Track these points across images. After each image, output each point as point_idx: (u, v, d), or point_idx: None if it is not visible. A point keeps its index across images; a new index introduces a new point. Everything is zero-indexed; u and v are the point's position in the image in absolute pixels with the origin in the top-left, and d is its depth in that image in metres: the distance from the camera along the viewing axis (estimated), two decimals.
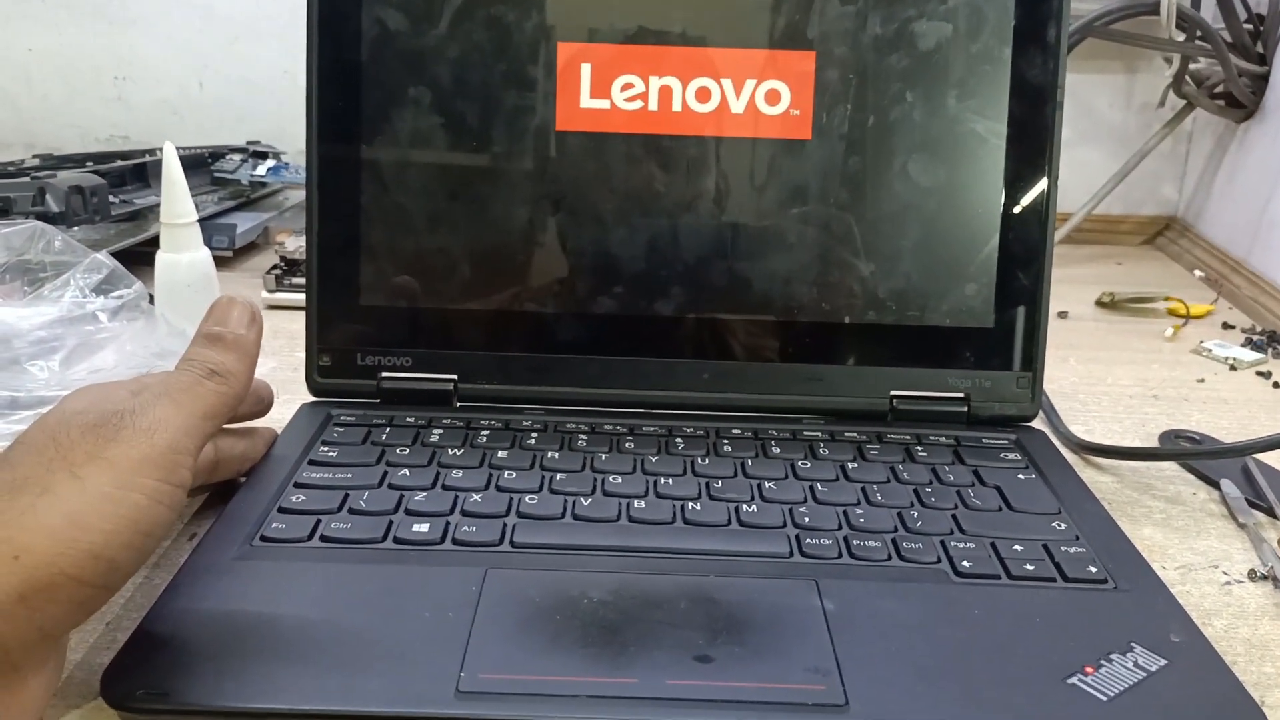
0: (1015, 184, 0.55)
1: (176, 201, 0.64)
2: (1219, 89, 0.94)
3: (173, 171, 0.63)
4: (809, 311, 0.56)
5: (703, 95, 0.55)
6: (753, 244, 0.56)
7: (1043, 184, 0.55)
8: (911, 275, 0.56)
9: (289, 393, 0.58)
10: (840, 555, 0.43)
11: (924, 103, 0.55)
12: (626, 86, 0.55)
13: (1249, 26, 0.89)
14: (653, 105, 0.55)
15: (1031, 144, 0.55)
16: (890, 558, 0.43)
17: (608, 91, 0.55)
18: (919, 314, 0.56)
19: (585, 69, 0.55)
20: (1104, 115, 1.04)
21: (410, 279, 0.55)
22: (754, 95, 0.55)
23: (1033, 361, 0.56)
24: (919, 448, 0.53)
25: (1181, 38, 0.89)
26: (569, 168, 0.55)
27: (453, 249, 0.55)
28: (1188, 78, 0.94)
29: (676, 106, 0.55)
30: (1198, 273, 0.93)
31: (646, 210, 0.55)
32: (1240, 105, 0.92)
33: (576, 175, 0.55)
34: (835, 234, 0.56)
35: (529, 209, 0.55)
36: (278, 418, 0.52)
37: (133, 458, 0.34)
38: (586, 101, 0.55)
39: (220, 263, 0.82)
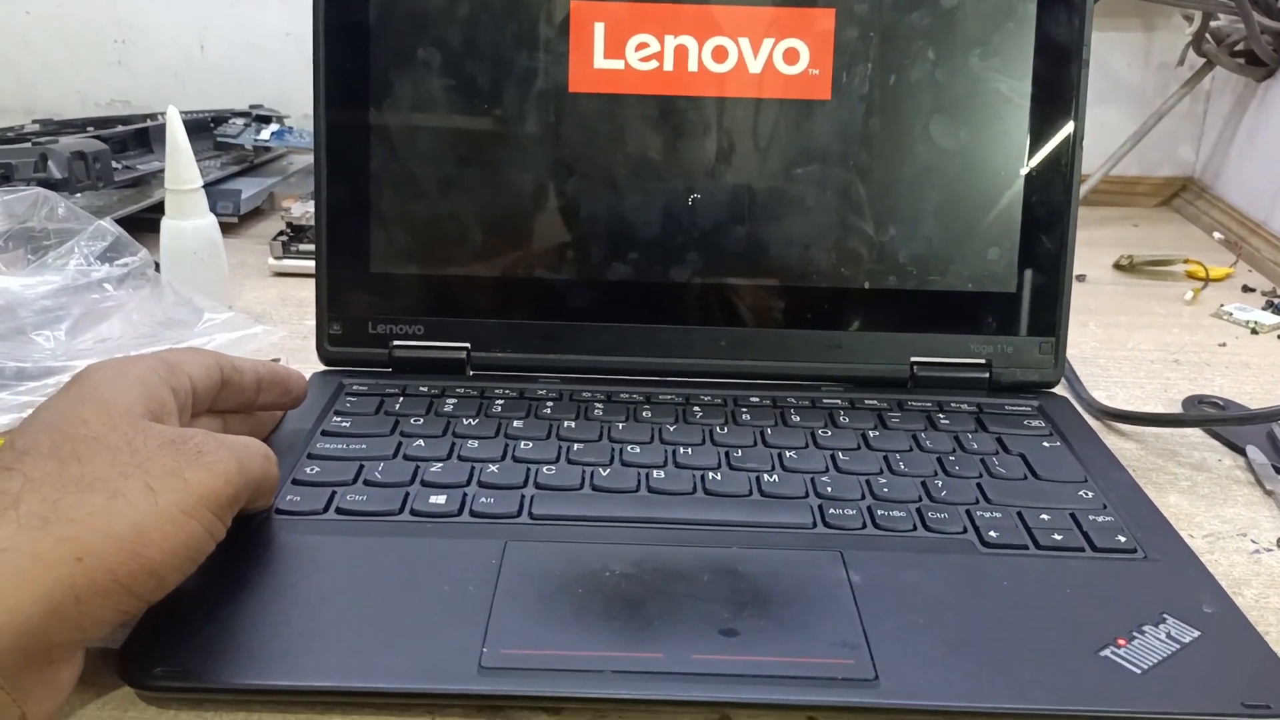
0: (1039, 145, 0.54)
1: (181, 167, 0.63)
2: (1239, 47, 0.92)
3: (177, 136, 0.62)
4: (827, 277, 0.55)
5: (719, 55, 0.54)
6: (770, 208, 0.55)
7: (1068, 145, 0.54)
8: (932, 239, 0.55)
9: (299, 362, 0.57)
10: (865, 526, 0.42)
11: (946, 61, 0.54)
12: (641, 46, 0.54)
13: None
14: (668, 65, 0.54)
15: (1056, 103, 0.54)
16: (916, 528, 0.42)
17: (622, 51, 0.54)
18: (940, 278, 0.55)
19: (598, 28, 0.53)
20: (1121, 74, 1.03)
21: (422, 245, 0.54)
22: (772, 54, 0.54)
23: (1055, 327, 0.55)
24: (941, 415, 0.52)
25: None
26: (582, 130, 0.54)
27: (464, 215, 0.54)
28: (1208, 35, 0.92)
29: (693, 66, 0.54)
30: (1217, 235, 0.91)
31: (662, 174, 0.54)
32: (1261, 63, 0.90)
33: (589, 138, 0.54)
34: (855, 197, 0.55)
35: (541, 173, 0.54)
36: None
37: (206, 488, 0.34)
38: (600, 62, 0.54)
39: (225, 229, 0.80)
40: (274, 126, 0.90)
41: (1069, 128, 0.54)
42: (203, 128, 0.89)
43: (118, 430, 0.34)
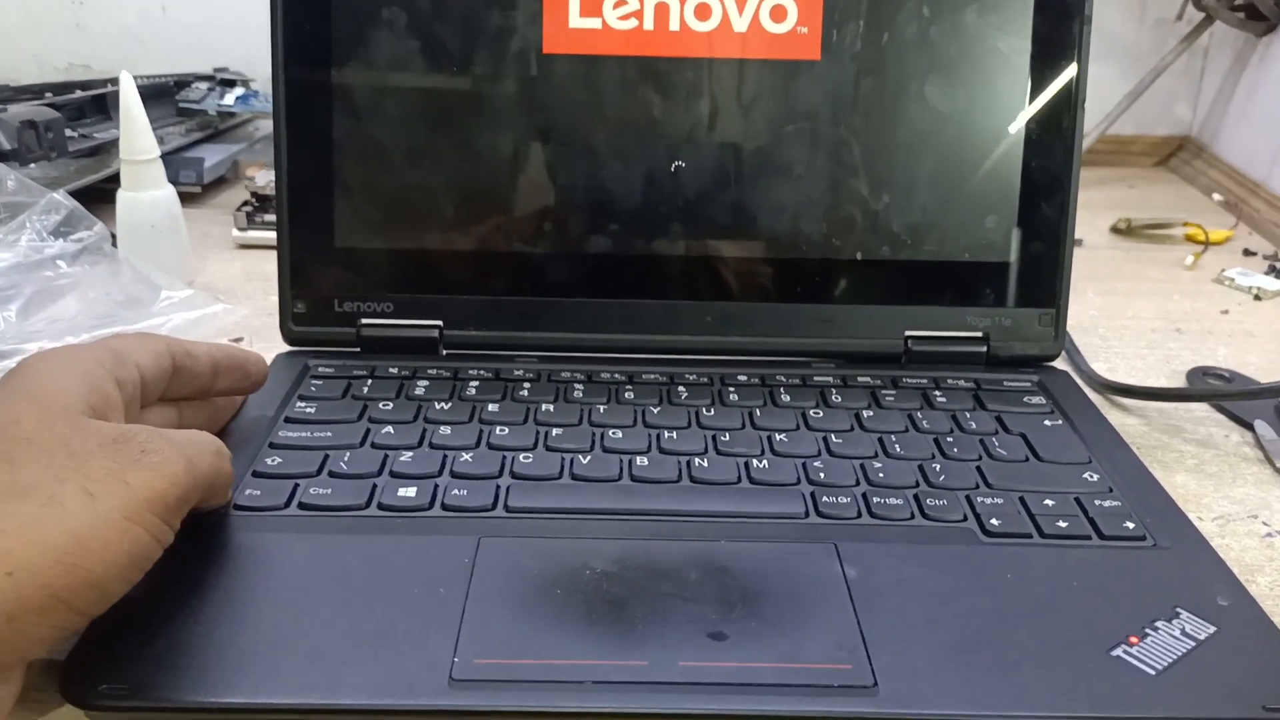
0: (1039, 107, 0.51)
1: (136, 136, 0.59)
2: (1238, 1, 0.89)
3: (131, 105, 0.59)
4: (818, 247, 0.52)
5: (702, 12, 0.51)
6: (757, 175, 0.52)
7: (1069, 107, 0.51)
8: (928, 207, 0.52)
9: (264, 340, 0.55)
10: (859, 515, 0.40)
11: (942, 18, 0.51)
12: (619, 4, 0.50)
13: None
14: (648, 24, 0.51)
15: (1057, 63, 0.51)
16: (913, 516, 0.40)
17: (599, 9, 0.50)
18: (935, 248, 0.52)
19: None
20: (1117, 31, 1.00)
21: (390, 218, 0.51)
22: (758, 11, 0.51)
23: (1056, 298, 0.52)
24: (937, 392, 0.49)
25: None
26: (557, 94, 0.51)
27: (434, 185, 0.51)
28: None
29: (674, 25, 0.51)
30: (1216, 196, 0.89)
31: (642, 140, 0.51)
32: (1262, 18, 0.87)
33: (565, 102, 0.51)
34: (846, 163, 0.52)
35: (515, 140, 0.51)
36: None
37: (150, 490, 0.31)
38: (576, 20, 0.51)
39: (188, 199, 0.78)
40: (239, 91, 0.86)
41: (1070, 89, 0.51)
42: (164, 92, 0.85)
43: (54, 430, 0.31)
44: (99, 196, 0.68)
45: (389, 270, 0.52)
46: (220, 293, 0.63)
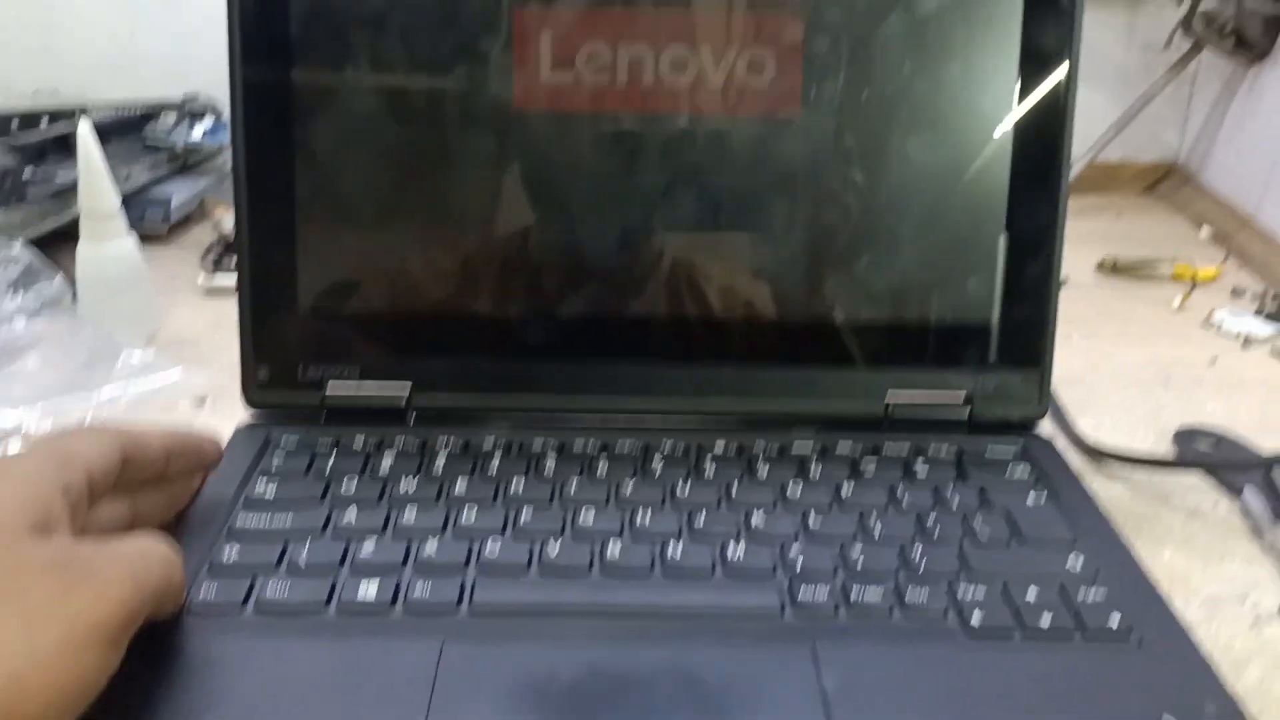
0: (1023, 167, 0.50)
1: (95, 188, 0.58)
2: (1229, 28, 0.88)
3: (90, 153, 0.57)
4: (797, 309, 0.51)
5: (678, 65, 0.49)
6: (735, 236, 0.50)
7: (1053, 168, 0.50)
8: (909, 268, 0.51)
9: (229, 401, 0.53)
10: (837, 609, 0.39)
11: (924, 75, 0.49)
12: (592, 56, 0.49)
13: None
14: (621, 78, 0.49)
15: (1042, 124, 0.49)
16: (893, 610, 0.39)
17: (571, 63, 0.49)
18: (917, 310, 0.51)
19: (545, 37, 0.49)
20: (1106, 55, 0.98)
21: (356, 279, 0.50)
22: (734, 65, 0.49)
23: (1040, 359, 0.51)
24: (919, 462, 0.48)
25: None
26: (529, 151, 0.49)
27: (401, 245, 0.50)
28: (1198, 16, 0.88)
29: (648, 79, 0.49)
30: (1204, 232, 0.88)
31: (616, 198, 0.50)
32: (1251, 46, 0.86)
33: (537, 160, 0.49)
34: (826, 223, 0.50)
35: (485, 198, 0.50)
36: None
37: (95, 615, 0.30)
38: (547, 75, 0.49)
39: (154, 239, 0.76)
40: (207, 124, 0.84)
41: (1056, 149, 0.49)
42: (131, 127, 0.83)
43: None
44: (63, 237, 0.66)
45: (355, 334, 0.50)
46: (186, 344, 0.61)
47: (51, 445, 0.35)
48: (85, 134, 0.57)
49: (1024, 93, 0.49)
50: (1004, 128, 0.49)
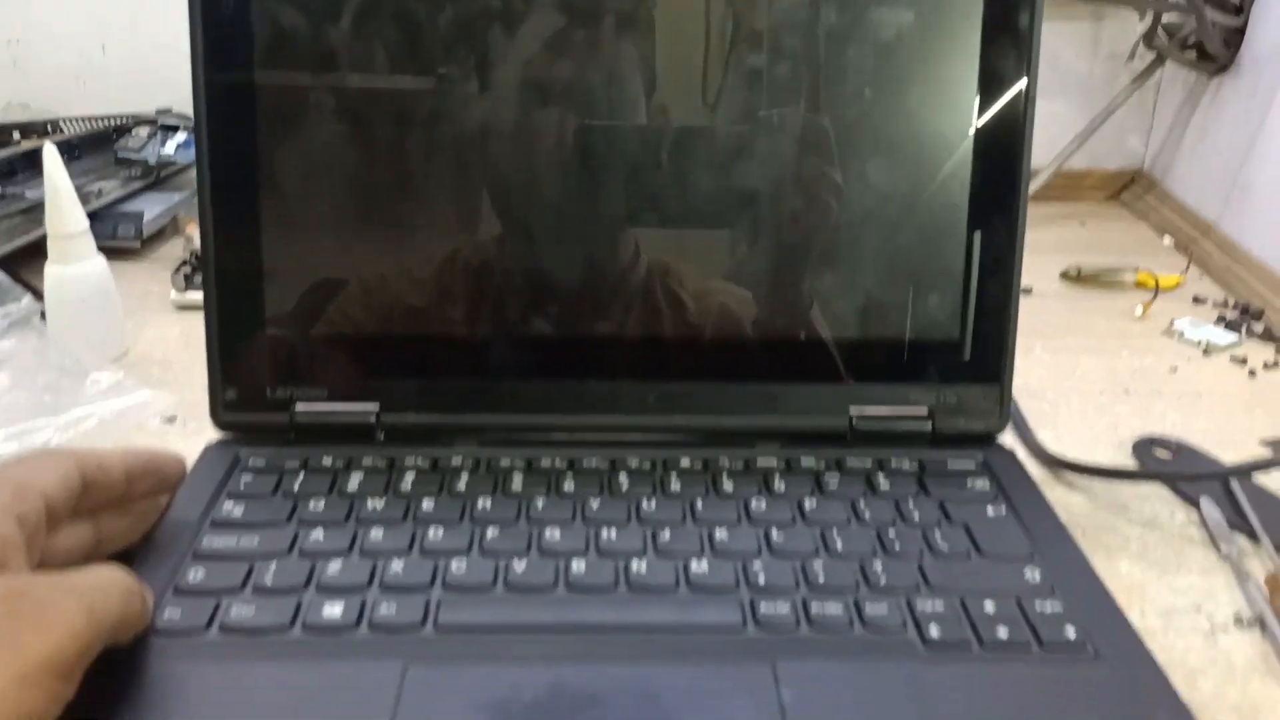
0: (982, 188, 0.50)
1: (62, 210, 0.58)
2: (1191, 40, 0.89)
3: (55, 177, 0.57)
4: (760, 326, 0.51)
5: (642, 83, 0.50)
6: (700, 255, 0.51)
7: (1012, 187, 0.50)
8: (871, 285, 0.51)
9: (198, 418, 0.53)
10: (798, 624, 0.39)
11: (884, 98, 0.50)
12: (554, 71, 0.49)
13: None
14: (582, 93, 0.49)
15: (1001, 144, 0.50)
16: (853, 623, 0.39)
17: (534, 76, 0.49)
18: (879, 326, 0.52)
19: (511, 51, 0.49)
20: (1070, 65, 0.99)
21: (322, 300, 0.50)
22: (697, 86, 0.50)
23: (1000, 374, 0.52)
24: (881, 475, 0.49)
25: None
26: (494, 172, 0.50)
27: (368, 264, 0.50)
28: (1160, 29, 0.89)
29: (611, 97, 0.50)
30: (1167, 240, 0.89)
31: (580, 216, 0.50)
32: (1212, 58, 0.87)
33: (502, 179, 0.50)
34: (788, 241, 0.51)
35: (450, 219, 0.50)
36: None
37: (47, 649, 0.29)
38: (510, 91, 0.49)
39: (127, 254, 0.76)
40: (180, 138, 0.84)
41: (1014, 168, 0.50)
42: (103, 140, 0.83)
43: None
44: (36, 251, 0.66)
45: (322, 354, 0.50)
46: (156, 362, 0.61)
47: (5, 474, 0.35)
48: (51, 156, 0.57)
49: (983, 111, 0.50)
50: (963, 145, 0.50)
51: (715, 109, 0.50)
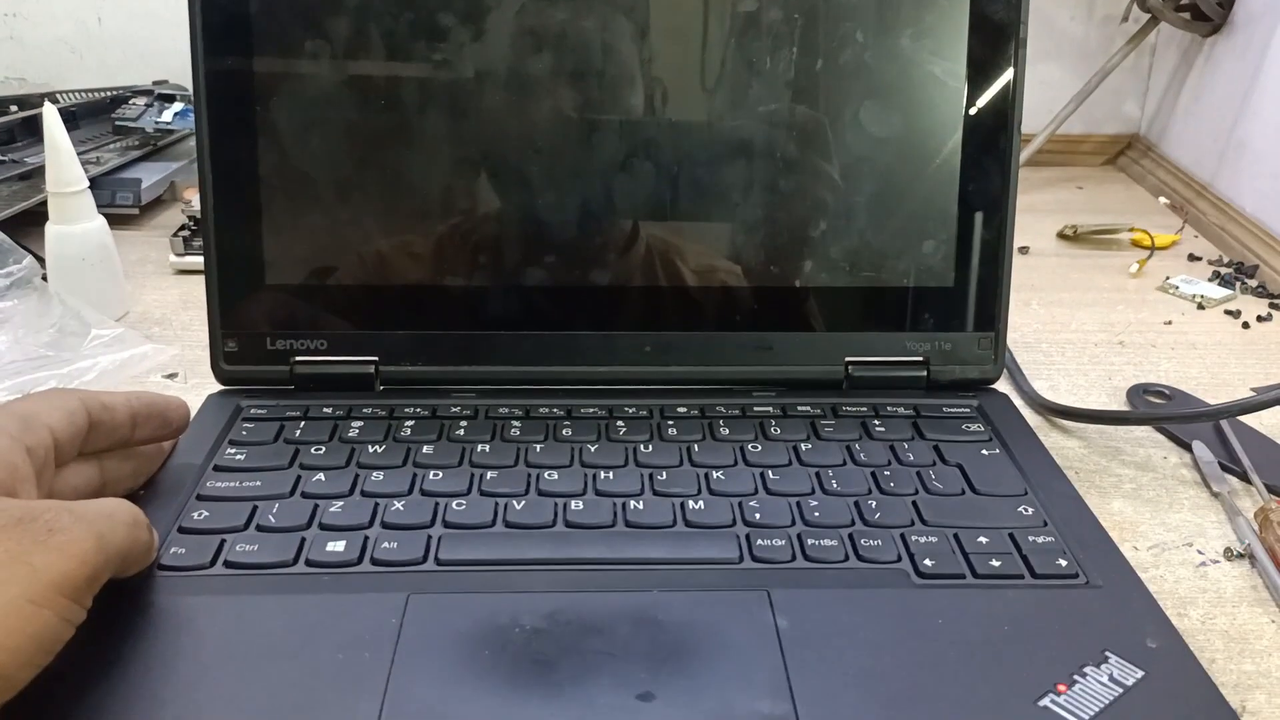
0: (975, 133, 0.51)
1: (63, 169, 0.58)
2: (1183, 1, 0.89)
3: (55, 136, 0.57)
4: (757, 275, 0.52)
5: (634, 36, 0.50)
6: (695, 202, 0.51)
7: (1005, 132, 0.51)
8: (866, 232, 0.52)
9: (200, 375, 0.54)
10: (793, 558, 0.40)
11: (876, 44, 0.50)
12: (547, 30, 0.50)
13: None
14: (575, 51, 0.50)
15: (993, 89, 0.51)
16: (847, 557, 0.40)
17: (526, 39, 0.49)
18: (875, 274, 0.52)
19: (502, 14, 0.49)
20: (1065, 29, 1.00)
21: (321, 253, 0.51)
22: (689, 36, 0.50)
23: (995, 321, 0.52)
24: (876, 421, 0.49)
25: None
26: (487, 126, 0.50)
27: (365, 219, 0.51)
28: None
29: (603, 54, 0.50)
30: (1163, 200, 0.89)
31: (576, 168, 0.51)
32: (1207, 19, 0.88)
33: (497, 131, 0.50)
34: (783, 191, 0.51)
35: (447, 171, 0.50)
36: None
37: (57, 572, 0.30)
38: (504, 51, 0.50)
39: (125, 221, 0.77)
40: (177, 106, 0.85)
41: (1006, 114, 0.51)
42: (100, 110, 0.84)
43: None
44: (35, 219, 0.66)
45: (321, 306, 0.51)
46: (156, 323, 0.62)
47: (14, 408, 0.36)
48: (51, 115, 0.57)
49: (974, 60, 0.50)
50: (955, 96, 0.51)
51: (706, 58, 0.50)
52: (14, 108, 0.84)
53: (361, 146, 0.50)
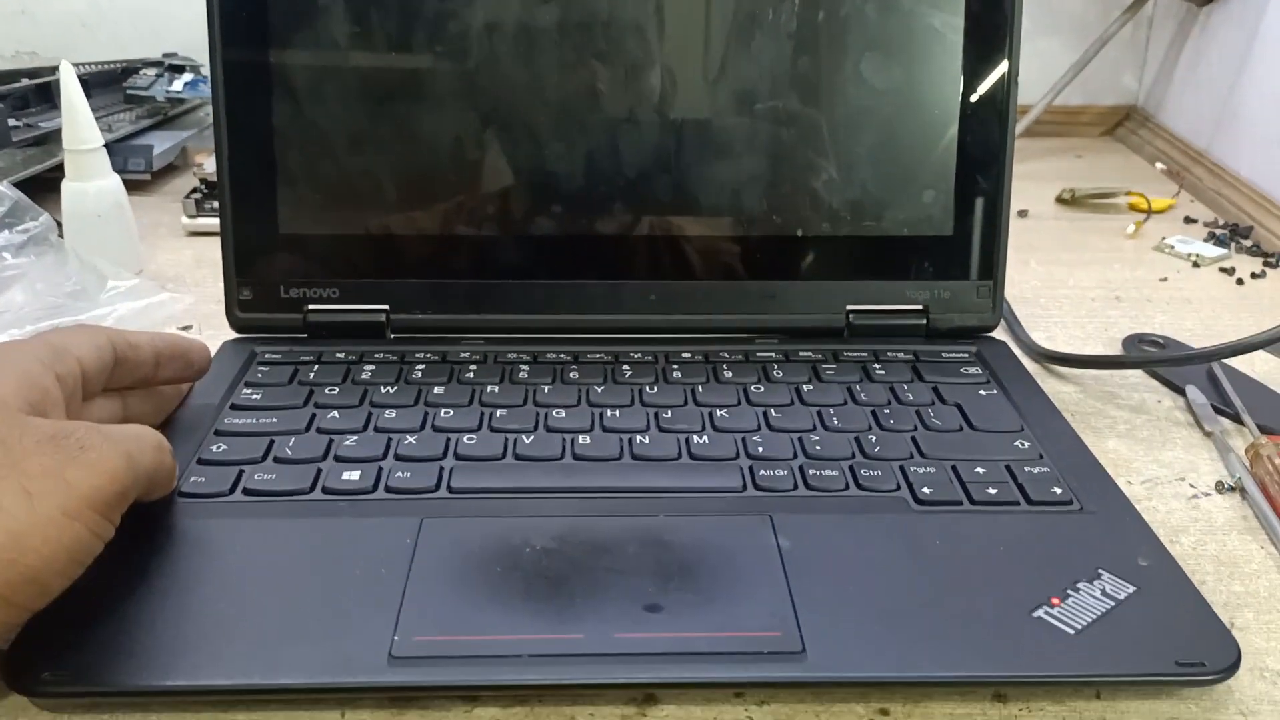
0: (973, 84, 0.52)
1: (79, 126, 0.59)
2: None
3: (72, 94, 0.58)
4: (759, 225, 0.53)
5: None
6: (698, 154, 0.52)
7: (1002, 82, 0.52)
8: (867, 183, 0.53)
9: (213, 328, 0.55)
10: (795, 487, 0.41)
11: None
12: None
13: None
14: (581, 7, 0.51)
15: (990, 39, 0.52)
16: (848, 487, 0.41)
17: None
18: (875, 224, 0.53)
19: None
20: (1062, 2, 1.00)
21: (334, 202, 0.52)
22: None
23: (993, 270, 0.53)
24: (876, 365, 0.50)
25: None
26: (498, 75, 0.51)
27: (377, 169, 0.52)
28: None
29: (607, 12, 0.51)
30: (1159, 165, 0.90)
31: (584, 119, 0.52)
32: None
33: (506, 83, 0.51)
34: (786, 141, 0.52)
35: (457, 122, 0.52)
36: None
37: (88, 486, 0.31)
38: (514, 5, 0.51)
39: (137, 186, 0.78)
40: (187, 76, 0.86)
41: (1003, 65, 0.52)
42: (112, 80, 0.85)
43: None
44: (46, 185, 0.67)
45: (334, 255, 0.52)
46: (169, 281, 0.63)
47: (46, 338, 0.37)
48: (67, 75, 0.59)
49: (971, 11, 0.51)
50: (953, 47, 0.52)
51: (710, 11, 0.51)
52: (26, 80, 0.85)
53: (374, 99, 0.51)
